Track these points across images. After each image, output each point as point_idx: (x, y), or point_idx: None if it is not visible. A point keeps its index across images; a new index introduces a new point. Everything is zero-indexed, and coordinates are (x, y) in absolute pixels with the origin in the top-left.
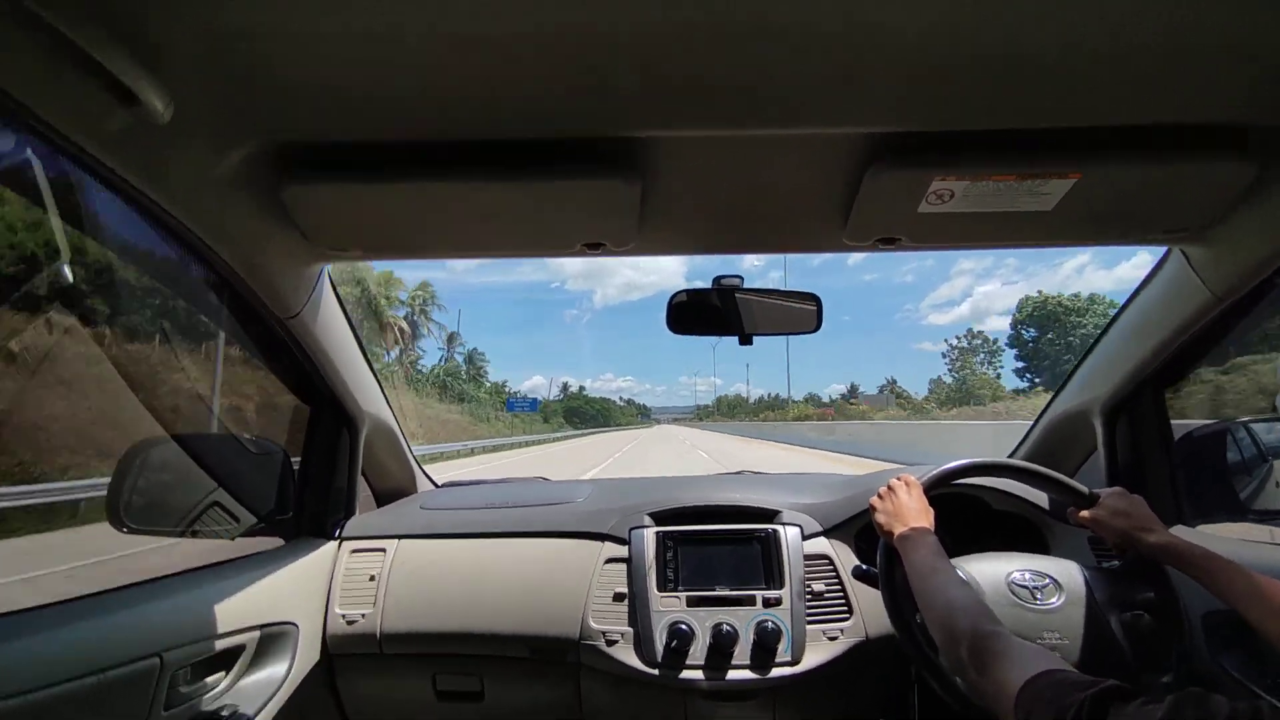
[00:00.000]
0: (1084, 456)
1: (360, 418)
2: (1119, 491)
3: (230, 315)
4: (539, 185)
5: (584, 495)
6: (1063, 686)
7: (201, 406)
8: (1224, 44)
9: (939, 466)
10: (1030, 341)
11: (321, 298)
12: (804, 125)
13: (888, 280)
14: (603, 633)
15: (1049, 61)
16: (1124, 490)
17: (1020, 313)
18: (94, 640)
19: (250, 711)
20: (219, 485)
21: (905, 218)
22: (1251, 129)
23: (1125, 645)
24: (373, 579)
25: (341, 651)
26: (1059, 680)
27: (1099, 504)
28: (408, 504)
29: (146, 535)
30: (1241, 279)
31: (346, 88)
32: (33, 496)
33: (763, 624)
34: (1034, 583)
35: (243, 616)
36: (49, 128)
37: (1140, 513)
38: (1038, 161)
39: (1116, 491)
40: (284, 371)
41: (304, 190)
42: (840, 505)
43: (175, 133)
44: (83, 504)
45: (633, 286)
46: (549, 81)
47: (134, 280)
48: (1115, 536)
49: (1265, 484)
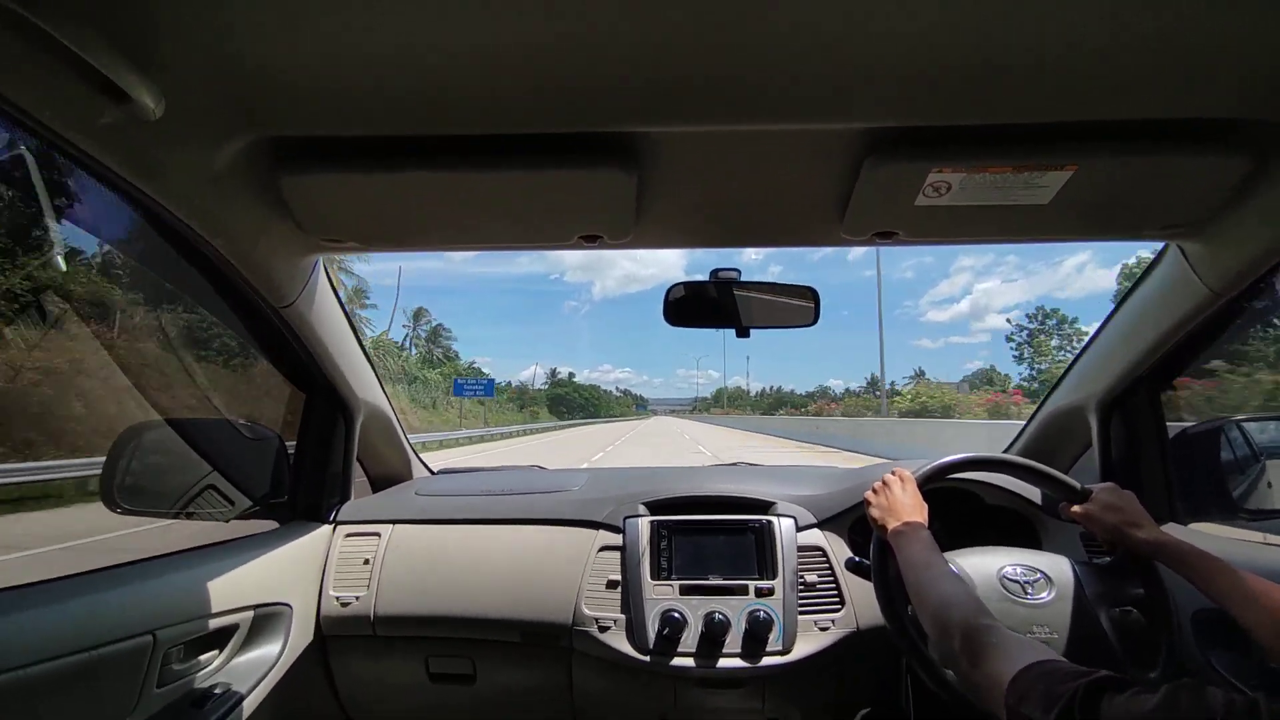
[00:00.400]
0: (1079, 452)
1: (355, 404)
2: (1111, 487)
3: (225, 304)
4: (535, 176)
5: (579, 484)
6: (1054, 677)
7: (196, 392)
8: (1219, 39)
9: (932, 461)
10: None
11: (316, 287)
12: (801, 120)
13: (887, 277)
14: (595, 619)
15: (1045, 57)
16: (1116, 486)
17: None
18: (86, 617)
19: (243, 690)
20: (213, 469)
21: (902, 211)
22: (1247, 123)
23: (1114, 641)
24: (367, 562)
25: (335, 633)
26: (1050, 670)
27: (1090, 499)
28: (403, 490)
29: (140, 516)
30: (1239, 275)
31: (340, 86)
32: (38, 473)
33: (755, 613)
34: (1025, 577)
35: (237, 596)
36: (40, 125)
37: (1131, 509)
38: (1034, 154)
39: (1108, 487)
40: (279, 359)
41: (299, 182)
42: (835, 498)
43: (167, 128)
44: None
45: (632, 279)
46: (546, 80)
47: (128, 270)
48: (1106, 532)
49: (1258, 483)
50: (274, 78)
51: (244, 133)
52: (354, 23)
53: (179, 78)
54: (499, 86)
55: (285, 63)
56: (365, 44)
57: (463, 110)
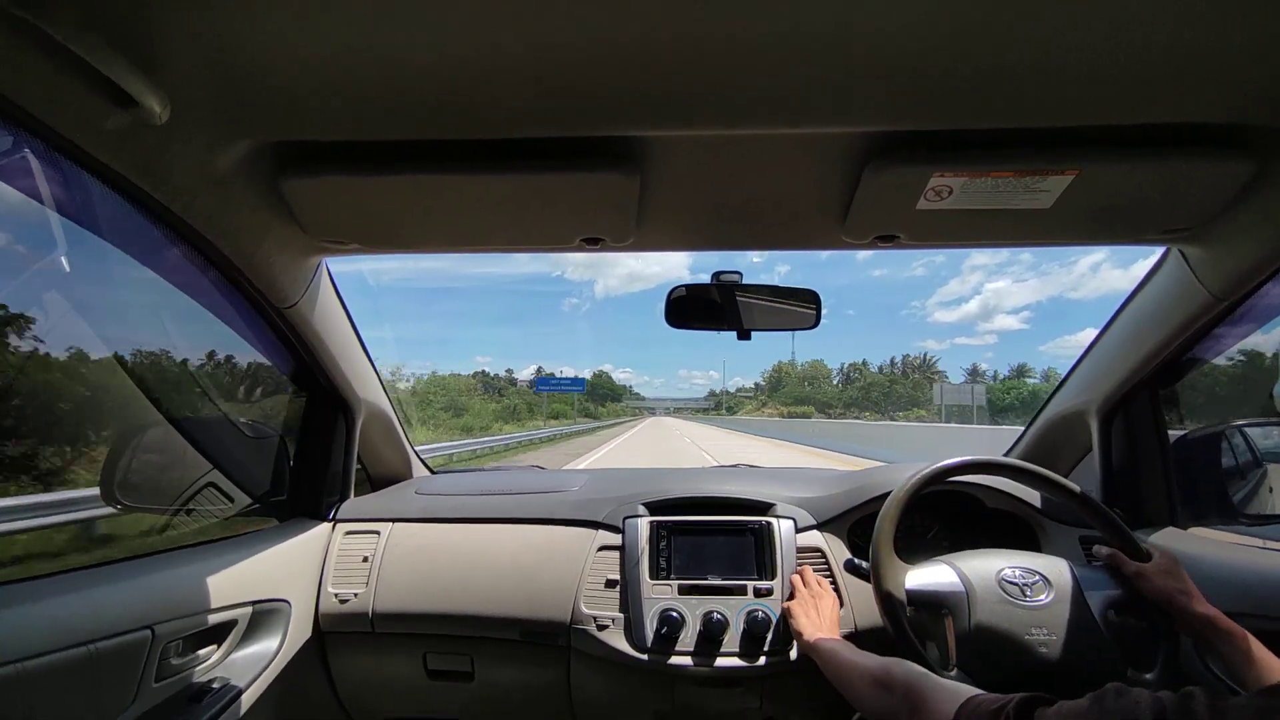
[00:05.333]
0: (1079, 456)
1: (356, 404)
2: (1169, 554)
3: (229, 305)
4: (537, 179)
5: (579, 484)
6: (984, 705)
7: (197, 392)
8: (1221, 44)
9: (934, 464)
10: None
11: (319, 289)
12: (802, 124)
13: (895, 276)
14: (593, 617)
15: (1047, 62)
16: (1173, 555)
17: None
18: (85, 612)
19: (241, 685)
20: (213, 466)
21: (903, 215)
22: (1248, 128)
23: (1112, 643)
24: (366, 560)
25: (333, 629)
26: (984, 700)
27: (1151, 560)
28: (402, 489)
29: (139, 512)
30: (1240, 279)
31: (343, 91)
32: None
33: (753, 613)
34: (1024, 580)
35: (235, 592)
36: (47, 129)
37: (1186, 578)
38: (1036, 159)
39: (1168, 553)
40: (281, 359)
41: (303, 184)
42: (834, 499)
43: (173, 132)
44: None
45: (635, 277)
46: (547, 85)
47: (130, 271)
48: (1157, 595)
49: (1259, 488)
50: (278, 82)
51: (248, 136)
52: (356, 28)
53: (185, 82)
54: (501, 92)
55: (289, 68)
56: (368, 50)
57: (465, 115)
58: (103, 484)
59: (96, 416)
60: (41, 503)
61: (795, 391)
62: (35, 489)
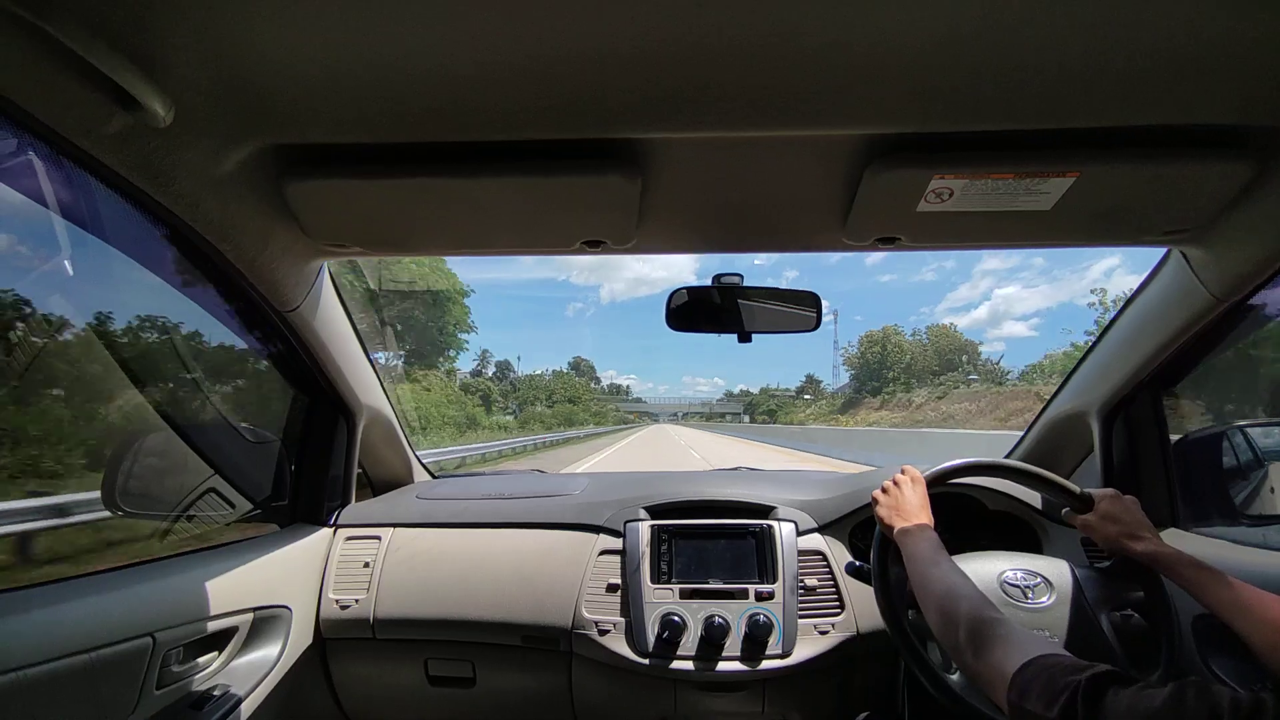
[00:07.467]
0: (1080, 458)
1: (358, 409)
2: (1112, 494)
3: (231, 308)
4: (538, 182)
5: (579, 488)
6: (1056, 670)
7: (199, 396)
8: (1222, 45)
9: (933, 466)
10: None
11: (321, 292)
12: (804, 127)
13: (904, 281)
14: (595, 622)
15: (1048, 65)
16: (1117, 493)
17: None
18: (87, 619)
19: (242, 692)
20: (214, 472)
21: (904, 216)
22: (1249, 129)
23: (1115, 644)
24: (367, 565)
25: (334, 636)
26: (1053, 664)
27: (1092, 509)
28: (404, 494)
29: (140, 519)
30: (1241, 280)
31: (345, 95)
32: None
33: (754, 617)
34: (1026, 581)
35: (236, 599)
36: (52, 132)
37: (1131, 518)
38: (1036, 160)
39: (1109, 494)
40: (282, 362)
41: (305, 187)
42: (836, 502)
43: (176, 135)
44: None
45: (641, 281)
46: (549, 88)
47: (133, 274)
48: (1106, 541)
49: (1261, 488)
50: (281, 86)
51: (251, 139)
52: (359, 32)
53: (188, 84)
54: (503, 95)
55: (292, 71)
56: (370, 53)
57: (466, 118)
58: (104, 490)
59: (96, 417)
60: (41, 505)
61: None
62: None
